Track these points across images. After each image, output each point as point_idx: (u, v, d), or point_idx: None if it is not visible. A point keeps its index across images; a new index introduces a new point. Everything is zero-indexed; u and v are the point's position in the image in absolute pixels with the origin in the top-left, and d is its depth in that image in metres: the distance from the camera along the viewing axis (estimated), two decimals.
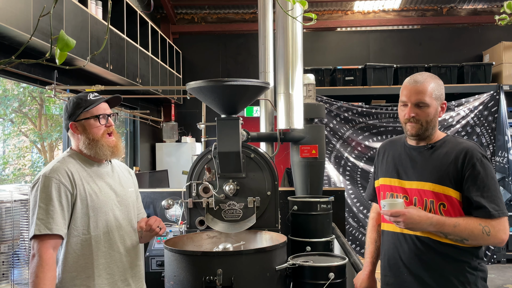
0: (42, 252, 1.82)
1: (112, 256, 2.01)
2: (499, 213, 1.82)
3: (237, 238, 2.32)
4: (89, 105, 2.02)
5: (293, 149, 3.29)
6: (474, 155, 1.87)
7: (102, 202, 2.00)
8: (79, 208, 1.94)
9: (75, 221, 1.94)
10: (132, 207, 2.16)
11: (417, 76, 1.98)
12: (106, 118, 2.06)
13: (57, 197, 1.89)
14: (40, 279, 1.77)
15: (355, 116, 6.34)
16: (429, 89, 1.93)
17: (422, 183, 1.94)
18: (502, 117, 6.21)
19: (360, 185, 6.29)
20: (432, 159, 1.95)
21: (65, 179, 1.93)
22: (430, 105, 1.93)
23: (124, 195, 2.13)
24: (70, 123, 2.04)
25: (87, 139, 2.02)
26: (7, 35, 3.07)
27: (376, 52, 7.50)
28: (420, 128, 1.95)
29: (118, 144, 2.09)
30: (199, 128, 3.69)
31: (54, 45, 1.01)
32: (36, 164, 10.07)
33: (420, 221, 1.83)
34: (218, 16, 7.83)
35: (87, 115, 2.03)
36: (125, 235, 2.08)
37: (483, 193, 1.83)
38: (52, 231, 1.84)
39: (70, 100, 2.08)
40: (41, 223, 1.84)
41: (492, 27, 7.33)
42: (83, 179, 1.99)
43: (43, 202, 1.87)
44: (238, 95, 2.18)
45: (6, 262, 3.14)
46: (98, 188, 2.02)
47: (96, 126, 2.03)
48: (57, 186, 1.90)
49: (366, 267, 2.25)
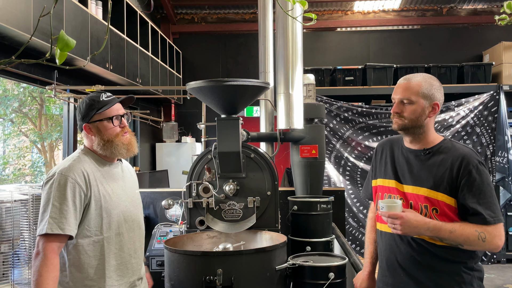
0: (47, 251, 1.80)
1: (123, 257, 2.01)
2: (494, 220, 1.83)
3: (237, 238, 2.32)
4: (102, 106, 2.01)
5: (293, 149, 3.29)
6: (470, 162, 1.87)
7: (114, 203, 2.00)
8: (93, 209, 1.93)
9: (88, 222, 1.92)
10: (141, 209, 2.17)
11: (409, 75, 2.00)
12: (119, 119, 2.05)
13: (72, 197, 1.87)
14: (44, 278, 1.76)
15: (355, 116, 6.34)
16: (416, 87, 1.94)
17: (417, 188, 1.95)
18: (502, 117, 6.21)
19: (360, 185, 6.28)
20: (428, 165, 1.95)
21: (81, 179, 1.91)
22: (416, 102, 1.93)
23: (133, 197, 2.13)
24: (83, 124, 2.03)
25: (102, 140, 2.01)
26: (7, 35, 3.07)
27: (376, 52, 7.50)
28: (402, 124, 1.97)
29: (132, 141, 2.08)
30: (199, 128, 3.69)
31: (54, 45, 1.01)
32: (36, 164, 10.06)
33: (417, 226, 1.83)
34: (218, 16, 7.83)
35: (101, 116, 2.01)
36: (135, 237, 2.08)
37: (479, 200, 1.84)
38: (65, 231, 1.83)
39: (83, 101, 2.06)
40: (54, 222, 1.82)
41: (492, 27, 7.33)
42: (97, 180, 1.98)
43: (57, 200, 1.85)
44: (238, 95, 2.18)
45: (6, 262, 3.14)
46: (111, 190, 2.01)
47: (110, 128, 2.02)
48: (72, 185, 1.88)
49: (366, 267, 2.25)
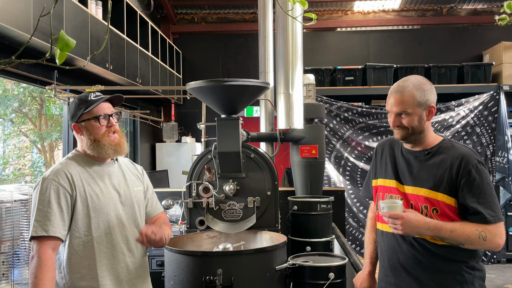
0: (40, 253, 1.83)
1: (116, 257, 2.01)
2: (495, 219, 1.84)
3: (237, 238, 2.32)
4: (90, 105, 2.01)
5: (293, 149, 3.29)
6: (470, 162, 1.87)
7: (103, 202, 2.00)
8: (79, 210, 1.94)
9: (76, 222, 1.94)
10: (138, 207, 2.14)
11: (400, 84, 1.97)
12: (107, 118, 2.04)
13: (56, 199, 1.90)
14: (39, 279, 1.78)
15: (355, 116, 6.34)
16: (410, 98, 1.92)
17: (417, 188, 1.95)
18: (502, 117, 6.21)
19: (360, 185, 6.28)
20: (428, 166, 1.95)
21: (64, 181, 1.93)
22: (413, 113, 1.93)
23: (128, 195, 2.11)
24: (73, 124, 2.05)
25: (89, 140, 2.02)
26: (7, 35, 3.07)
27: (376, 52, 7.50)
28: (406, 133, 1.96)
29: (121, 141, 2.07)
30: (199, 128, 3.69)
31: (54, 45, 1.01)
32: (36, 164, 10.06)
33: (417, 225, 1.83)
34: (218, 16, 7.83)
35: (88, 116, 2.02)
36: (129, 235, 2.07)
37: (479, 200, 1.84)
38: (49, 233, 1.85)
39: (72, 101, 2.08)
40: (38, 225, 1.85)
41: (492, 27, 7.33)
42: (83, 180, 1.98)
43: (41, 204, 1.89)
44: (238, 95, 2.18)
45: (6, 262, 3.14)
46: (99, 189, 2.01)
47: (97, 127, 2.02)
48: (55, 188, 1.91)
49: (366, 267, 2.25)
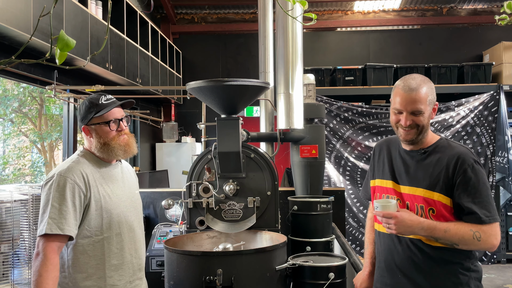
0: (47, 251, 1.81)
1: (124, 257, 2.02)
2: (490, 219, 1.81)
3: (237, 238, 2.32)
4: (100, 109, 2.01)
5: (293, 149, 3.29)
6: (466, 161, 1.86)
7: (114, 204, 2.01)
8: (93, 210, 1.94)
9: (89, 222, 1.93)
10: (140, 209, 2.18)
11: (410, 82, 1.92)
12: (117, 123, 2.05)
13: (71, 198, 1.88)
14: (44, 278, 1.77)
15: (355, 116, 6.34)
16: (424, 96, 1.89)
17: (413, 188, 1.94)
18: (502, 117, 6.21)
19: (360, 185, 6.28)
20: (424, 165, 1.94)
21: (80, 180, 1.92)
22: (425, 111, 1.90)
23: (133, 197, 2.14)
24: (82, 126, 2.05)
25: (99, 143, 2.02)
26: (7, 35, 3.07)
27: (376, 52, 7.50)
28: (415, 133, 1.93)
29: (130, 142, 2.08)
30: (199, 128, 3.69)
31: (54, 45, 1.01)
32: (36, 164, 10.06)
33: (411, 225, 1.82)
34: (218, 16, 7.82)
35: (99, 120, 2.02)
36: (135, 237, 2.09)
37: (474, 199, 1.83)
38: (64, 231, 1.84)
39: (83, 102, 2.07)
40: (53, 223, 1.83)
41: (492, 27, 7.33)
42: (97, 181, 1.99)
43: (56, 201, 1.86)
44: (238, 95, 2.18)
45: (6, 262, 3.14)
46: (110, 190, 2.02)
47: (107, 132, 2.03)
48: (71, 186, 1.89)
49: (366, 267, 2.25)
